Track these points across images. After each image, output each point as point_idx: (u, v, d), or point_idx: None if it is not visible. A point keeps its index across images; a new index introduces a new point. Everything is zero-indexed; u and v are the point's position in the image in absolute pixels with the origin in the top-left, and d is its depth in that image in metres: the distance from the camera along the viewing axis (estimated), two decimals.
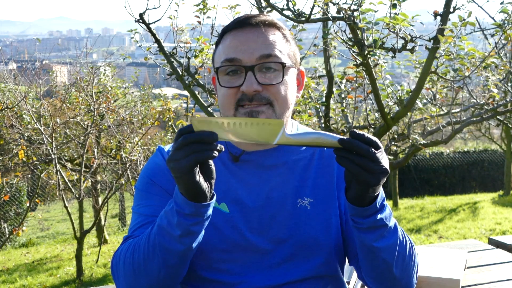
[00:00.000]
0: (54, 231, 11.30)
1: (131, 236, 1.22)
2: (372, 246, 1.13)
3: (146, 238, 1.12)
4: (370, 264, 1.18)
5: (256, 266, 1.23)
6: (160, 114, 6.34)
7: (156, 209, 1.22)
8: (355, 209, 1.09)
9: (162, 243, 1.09)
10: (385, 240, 1.13)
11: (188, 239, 1.08)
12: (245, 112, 1.19)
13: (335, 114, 5.44)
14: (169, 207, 1.09)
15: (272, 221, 1.24)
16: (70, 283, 6.34)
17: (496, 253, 2.19)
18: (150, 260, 1.11)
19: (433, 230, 8.24)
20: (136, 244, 1.14)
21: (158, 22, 4.05)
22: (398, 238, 1.16)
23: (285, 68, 1.22)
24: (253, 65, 1.19)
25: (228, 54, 1.21)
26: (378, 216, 1.10)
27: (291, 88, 1.25)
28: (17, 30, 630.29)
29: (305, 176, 1.29)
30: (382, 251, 1.14)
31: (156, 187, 1.26)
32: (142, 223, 1.23)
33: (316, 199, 1.27)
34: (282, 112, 1.22)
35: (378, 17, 3.20)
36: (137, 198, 1.28)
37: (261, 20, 1.23)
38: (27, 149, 6.47)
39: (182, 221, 1.06)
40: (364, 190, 1.05)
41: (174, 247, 1.09)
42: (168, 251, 1.09)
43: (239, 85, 1.19)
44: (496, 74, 5.24)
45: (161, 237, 1.09)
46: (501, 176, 13.56)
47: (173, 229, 1.07)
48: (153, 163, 1.30)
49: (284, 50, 1.24)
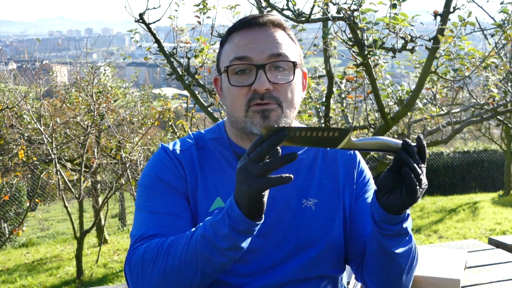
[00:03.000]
0: (54, 231, 11.30)
1: (145, 235, 1.17)
2: (392, 252, 1.16)
3: (185, 244, 1.08)
4: (384, 268, 1.20)
5: (260, 266, 1.23)
6: (160, 114, 6.34)
7: (169, 207, 1.20)
8: (387, 216, 1.10)
9: (205, 253, 1.06)
10: (403, 247, 1.16)
11: (233, 253, 1.06)
12: (257, 110, 1.18)
13: (335, 114, 5.44)
14: (216, 217, 1.05)
15: (277, 222, 1.24)
16: (70, 283, 6.34)
17: (496, 253, 2.19)
18: (187, 267, 1.08)
19: (433, 230, 8.24)
20: (169, 249, 1.10)
21: (158, 22, 4.05)
22: (413, 245, 1.20)
23: (295, 66, 1.22)
24: (264, 63, 1.18)
25: (237, 52, 1.20)
26: (404, 225, 1.13)
27: (298, 89, 1.25)
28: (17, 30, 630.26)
29: (310, 176, 1.29)
30: (400, 257, 1.17)
31: (165, 185, 1.23)
32: (155, 221, 1.19)
33: (321, 200, 1.27)
34: (289, 113, 1.22)
35: (378, 17, 3.20)
36: (143, 195, 1.24)
37: (269, 20, 1.23)
38: (27, 149, 6.46)
39: (233, 235, 1.03)
40: (410, 202, 1.06)
41: (217, 259, 1.06)
42: (209, 262, 1.06)
43: (250, 83, 1.18)
44: (496, 74, 5.23)
45: (203, 247, 1.05)
46: (501, 176, 13.56)
47: (219, 242, 1.04)
48: (158, 161, 1.27)
49: (292, 49, 1.24)
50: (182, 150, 1.29)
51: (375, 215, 1.13)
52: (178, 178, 1.23)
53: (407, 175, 1.03)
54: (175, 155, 1.27)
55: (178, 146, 1.30)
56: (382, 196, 1.10)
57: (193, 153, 1.28)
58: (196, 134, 1.34)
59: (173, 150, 1.28)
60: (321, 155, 1.32)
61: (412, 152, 1.04)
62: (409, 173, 1.03)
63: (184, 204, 1.23)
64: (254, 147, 0.96)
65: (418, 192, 1.04)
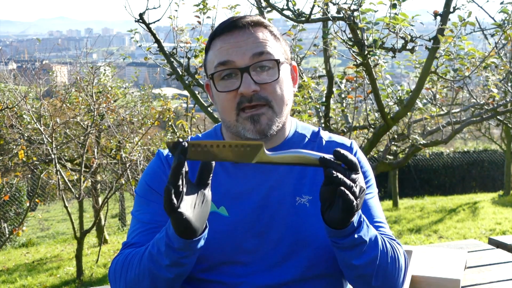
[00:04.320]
0: (54, 231, 11.30)
1: (129, 243, 1.23)
2: (352, 264, 1.12)
3: (138, 260, 1.14)
4: (350, 278, 1.20)
5: (257, 266, 1.23)
6: (160, 114, 6.34)
7: (154, 216, 1.24)
8: (333, 231, 1.07)
9: (152, 269, 1.10)
10: (365, 256, 1.12)
11: (177, 269, 1.09)
12: (247, 117, 1.19)
13: (335, 114, 5.43)
14: (160, 235, 1.09)
15: (272, 221, 1.24)
16: (70, 283, 6.34)
17: (496, 253, 2.19)
18: (141, 281, 1.13)
19: (433, 230, 8.24)
20: (130, 262, 1.16)
21: (158, 22, 4.05)
22: (379, 250, 1.14)
23: (279, 64, 1.21)
24: (247, 65, 1.18)
25: (220, 58, 1.20)
26: (356, 235, 1.08)
27: (287, 85, 1.25)
28: (17, 30, 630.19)
29: (303, 174, 1.28)
30: (362, 268, 1.13)
31: (154, 194, 1.26)
32: (139, 229, 1.24)
33: (315, 197, 1.26)
34: (281, 110, 1.22)
35: (378, 17, 3.20)
36: (136, 203, 1.29)
37: (248, 21, 1.22)
38: (27, 149, 6.46)
39: (170, 253, 1.06)
40: (348, 214, 1.02)
41: (163, 275, 1.09)
42: (157, 277, 1.10)
43: (236, 87, 1.19)
44: (496, 74, 5.23)
45: (151, 263, 1.10)
46: (501, 176, 13.56)
47: (162, 258, 1.07)
48: (151, 169, 1.30)
49: (275, 47, 1.23)
50: None
51: (326, 232, 1.10)
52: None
53: (341, 193, 0.99)
54: (167, 161, 1.29)
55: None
56: (325, 210, 1.06)
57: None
58: (194, 138, 1.36)
59: (166, 156, 1.30)
60: (316, 151, 1.31)
61: (335, 166, 0.99)
62: (341, 191, 0.98)
63: None
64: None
65: (355, 207, 1.00)
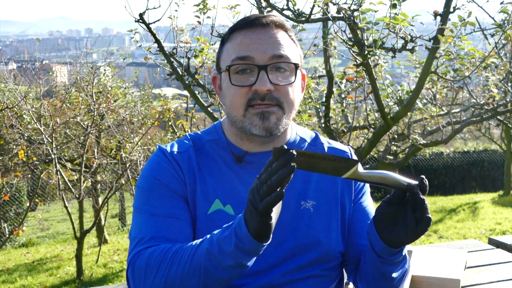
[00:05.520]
0: (54, 231, 11.30)
1: (145, 238, 1.17)
2: (391, 277, 1.21)
3: (189, 256, 1.08)
4: (379, 285, 1.25)
5: (259, 267, 1.23)
6: (160, 114, 6.34)
7: (170, 210, 1.20)
8: (390, 249, 1.13)
9: (208, 267, 1.06)
10: (400, 268, 1.21)
11: (237, 270, 1.06)
12: (256, 113, 1.19)
13: (335, 114, 5.43)
14: (223, 234, 1.05)
15: (276, 223, 1.24)
16: (70, 283, 6.34)
17: (496, 253, 2.19)
18: (190, 278, 1.08)
19: (433, 230, 8.23)
20: (173, 258, 1.10)
21: (158, 22, 4.05)
22: (407, 264, 1.25)
23: (297, 68, 1.23)
24: (266, 64, 1.18)
25: (239, 52, 1.20)
26: (403, 252, 1.18)
27: (298, 90, 1.26)
28: (17, 30, 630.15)
29: (308, 178, 1.29)
30: (396, 279, 1.23)
31: (163, 187, 1.22)
32: (155, 223, 1.19)
33: (319, 202, 1.28)
34: (290, 113, 1.23)
35: (378, 17, 3.20)
36: (144, 198, 1.23)
37: (271, 21, 1.23)
38: (27, 149, 6.46)
39: (238, 254, 1.02)
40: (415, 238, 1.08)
41: (220, 275, 1.06)
42: (212, 277, 1.07)
43: (250, 84, 1.19)
44: (496, 74, 5.23)
45: (208, 262, 1.05)
46: (501, 176, 13.56)
47: (224, 258, 1.04)
48: (157, 164, 1.26)
49: (294, 51, 1.24)
50: (180, 152, 1.27)
51: (375, 246, 1.14)
52: (177, 180, 1.23)
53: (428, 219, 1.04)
54: (173, 157, 1.26)
55: (176, 148, 1.28)
56: (383, 230, 1.11)
57: (191, 155, 1.27)
58: (193, 136, 1.33)
59: (171, 152, 1.27)
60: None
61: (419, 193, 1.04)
62: (428, 218, 1.04)
63: (183, 206, 1.22)
64: (265, 168, 0.98)
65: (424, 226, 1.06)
